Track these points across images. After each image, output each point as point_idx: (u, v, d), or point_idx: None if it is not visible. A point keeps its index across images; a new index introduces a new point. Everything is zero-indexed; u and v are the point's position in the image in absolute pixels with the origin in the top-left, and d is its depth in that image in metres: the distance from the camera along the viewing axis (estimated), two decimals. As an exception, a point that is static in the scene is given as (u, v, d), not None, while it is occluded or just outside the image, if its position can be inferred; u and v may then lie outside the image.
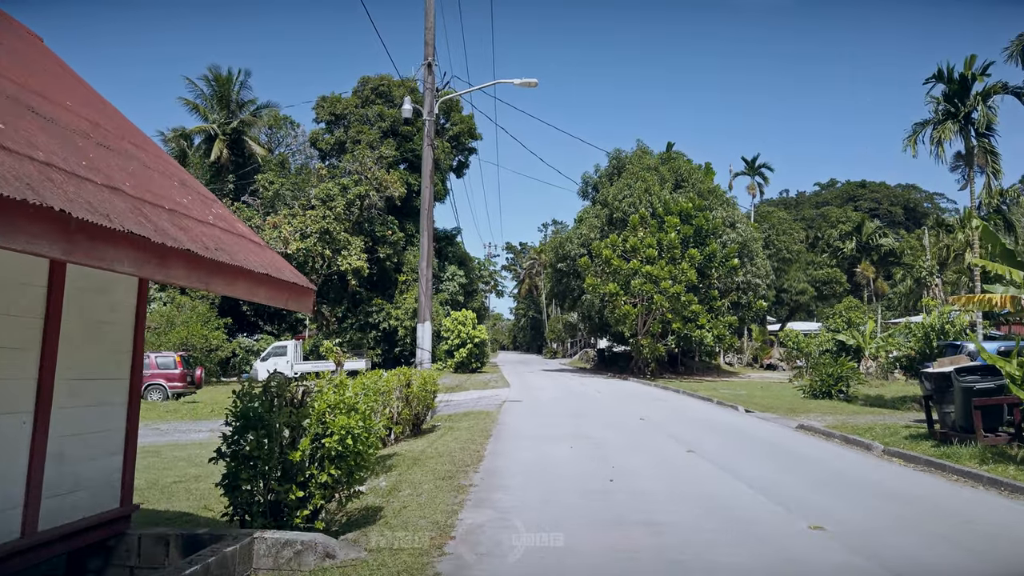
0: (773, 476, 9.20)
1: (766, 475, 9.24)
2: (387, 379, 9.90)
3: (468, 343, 41.25)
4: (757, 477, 9.03)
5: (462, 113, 46.49)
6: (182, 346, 35.27)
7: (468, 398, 23.47)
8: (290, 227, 36.89)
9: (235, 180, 44.58)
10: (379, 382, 9.41)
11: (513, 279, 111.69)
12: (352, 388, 6.71)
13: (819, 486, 8.61)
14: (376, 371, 11.00)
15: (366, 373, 11.00)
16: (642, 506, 7.32)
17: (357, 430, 6.16)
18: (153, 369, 24.99)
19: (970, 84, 20.69)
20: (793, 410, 19.41)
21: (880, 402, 23.97)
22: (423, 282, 15.80)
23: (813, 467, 10.06)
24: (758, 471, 9.55)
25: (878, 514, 7.16)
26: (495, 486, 8.04)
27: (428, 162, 16.02)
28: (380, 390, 9.35)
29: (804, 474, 9.45)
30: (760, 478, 8.98)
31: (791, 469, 9.82)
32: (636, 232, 35.37)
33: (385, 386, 9.52)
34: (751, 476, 9.07)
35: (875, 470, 9.95)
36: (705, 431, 14.19)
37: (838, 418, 17.08)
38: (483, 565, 5.38)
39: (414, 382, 12.45)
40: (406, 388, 11.94)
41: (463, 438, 12.00)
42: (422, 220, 16.06)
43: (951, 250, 38.47)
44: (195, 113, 45.35)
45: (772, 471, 9.60)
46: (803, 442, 12.73)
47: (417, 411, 13.41)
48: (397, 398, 11.82)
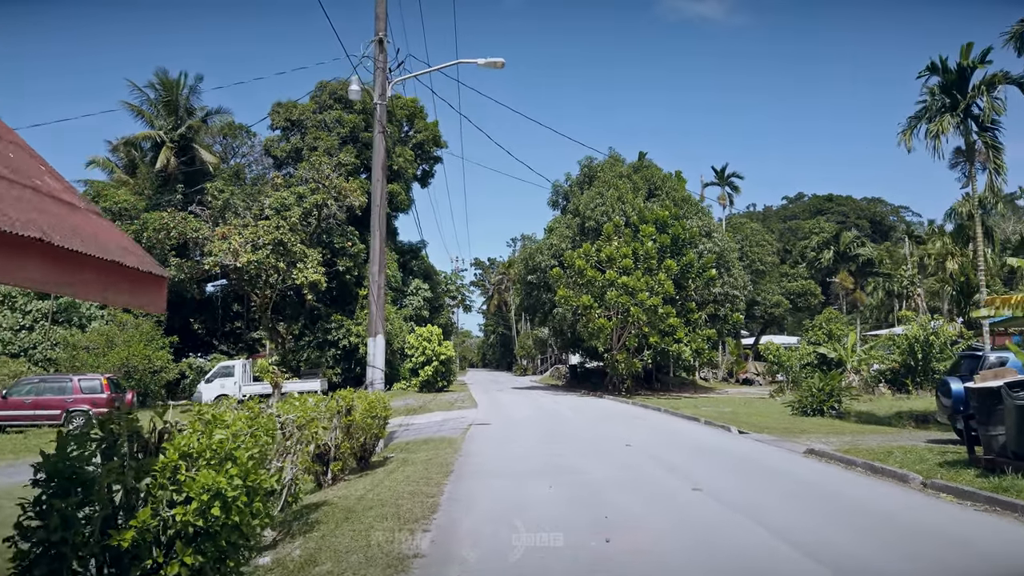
0: (813, 526, 7.21)
1: (804, 525, 7.24)
2: (311, 407, 7.62)
3: (434, 360, 38.96)
4: (794, 528, 7.03)
5: (426, 120, 44.49)
6: (122, 368, 32.54)
7: (431, 421, 21.24)
8: (240, 238, 34.30)
9: (184, 190, 41.81)
10: (304, 408, 7.19)
11: (482, 295, 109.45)
12: (235, 424, 4.52)
13: (877, 540, 6.63)
14: (304, 396, 8.77)
15: (306, 396, 8.81)
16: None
17: (232, 492, 3.99)
18: (76, 394, 22.30)
19: (969, 74, 19.38)
20: (789, 430, 17.58)
21: (874, 419, 22.33)
22: (374, 289, 13.63)
23: (854, 509, 8.10)
24: (791, 519, 7.55)
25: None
26: (450, 558, 5.86)
27: (380, 152, 13.92)
28: (301, 422, 7.12)
29: (848, 521, 7.46)
30: (798, 529, 6.99)
31: (830, 514, 7.84)
32: (610, 241, 33.59)
33: (305, 416, 7.25)
34: (786, 527, 7.06)
35: (929, 511, 8.03)
36: (703, 459, 12.20)
37: (843, 439, 15.27)
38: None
39: (357, 408, 10.25)
40: (346, 416, 9.73)
41: (417, 475, 9.81)
42: (373, 218, 13.93)
43: (932, 258, 37.46)
44: (140, 119, 42.63)
45: (809, 519, 7.60)
46: (823, 473, 10.78)
47: (363, 441, 11.21)
48: (336, 427, 9.61)
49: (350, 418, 9.87)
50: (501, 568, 5.64)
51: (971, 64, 19.30)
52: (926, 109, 20.37)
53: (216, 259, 34.43)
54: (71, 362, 33.02)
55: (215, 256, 34.44)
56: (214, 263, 34.56)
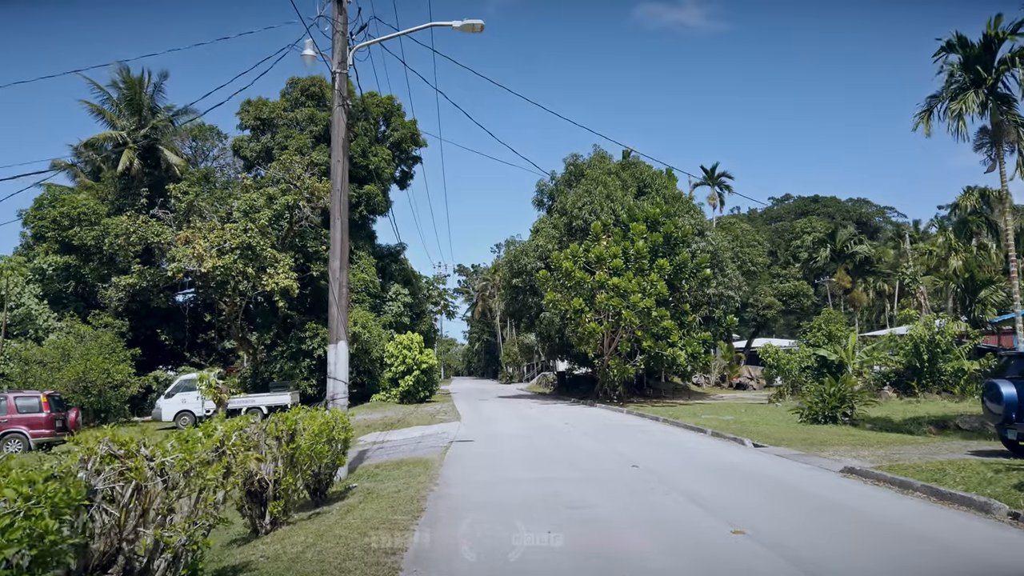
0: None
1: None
2: (213, 438, 5.46)
3: (415, 369, 36.86)
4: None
5: (404, 118, 42.48)
6: (78, 383, 30.26)
7: (408, 437, 19.17)
8: (205, 242, 32.05)
9: (149, 194, 39.41)
10: (191, 448, 5.11)
11: (466, 302, 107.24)
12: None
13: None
14: (247, 416, 6.72)
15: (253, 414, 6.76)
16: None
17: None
18: (11, 414, 20.01)
19: (996, 47, 17.76)
20: (808, 441, 15.73)
21: (891, 426, 20.56)
22: (335, 287, 11.62)
23: (955, 562, 6.20)
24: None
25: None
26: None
27: (340, 127, 11.91)
28: (186, 466, 5.04)
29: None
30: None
31: (934, 569, 5.94)
32: (599, 241, 31.72)
33: (189, 461, 5.02)
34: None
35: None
36: (727, 485, 10.28)
37: (876, 453, 13.43)
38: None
39: (303, 433, 8.21)
40: (287, 444, 7.69)
41: (378, 518, 7.76)
42: (333, 204, 11.91)
43: (934, 255, 35.90)
44: (101, 119, 40.21)
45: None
46: (881, 502, 8.81)
47: (317, 471, 9.18)
48: (277, 458, 7.58)
49: (294, 445, 7.83)
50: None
51: (999, 35, 17.65)
52: (944, 94, 18.69)
53: (179, 265, 32.16)
54: (23, 377, 30.71)
55: (178, 262, 32.18)
56: (177, 269, 32.28)
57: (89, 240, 37.09)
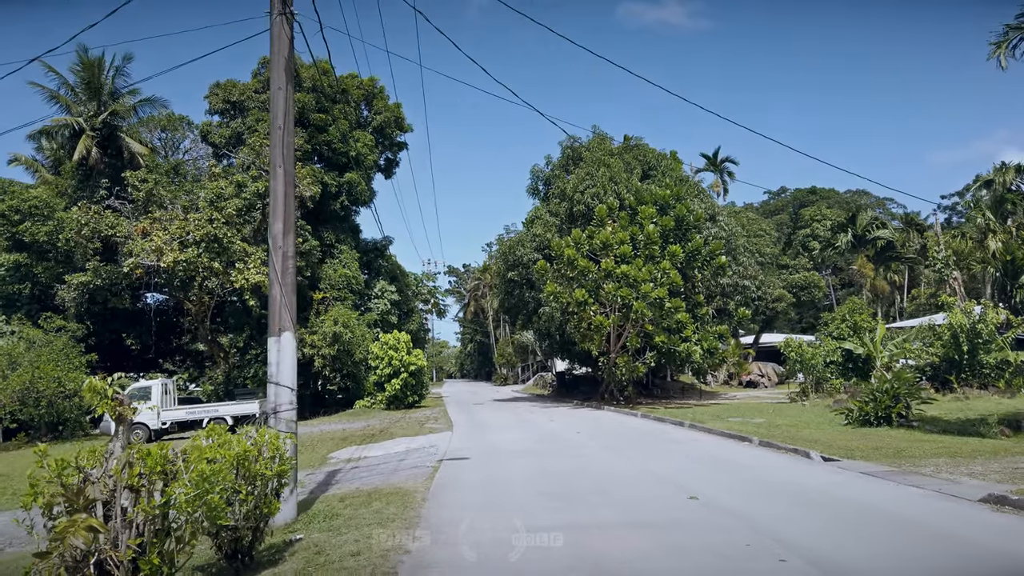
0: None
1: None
2: None
3: (402, 372, 33.65)
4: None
5: (387, 101, 39.28)
6: (25, 393, 27.08)
7: (390, 453, 16.00)
8: (166, 234, 28.75)
9: (110, 185, 35.97)
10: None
11: (457, 302, 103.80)
12: None
13: None
14: None
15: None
16: None
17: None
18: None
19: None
20: (884, 451, 12.66)
21: (953, 427, 17.61)
22: (277, 259, 8.48)
23: None
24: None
25: None
26: None
27: (282, 43, 8.69)
28: None
29: None
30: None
31: None
32: (604, 226, 28.60)
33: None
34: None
35: None
36: (845, 530, 7.13)
37: (988, 467, 10.41)
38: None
39: (186, 472, 5.03)
40: (146, 502, 4.51)
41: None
42: (274, 145, 8.74)
43: (968, 238, 32.95)
44: (56, 104, 36.74)
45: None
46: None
47: (233, 524, 6.00)
48: (132, 521, 4.40)
49: (164, 500, 4.64)
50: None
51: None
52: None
53: (136, 260, 28.85)
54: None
55: (135, 257, 28.85)
56: (134, 265, 28.95)
57: (42, 236, 33.72)
